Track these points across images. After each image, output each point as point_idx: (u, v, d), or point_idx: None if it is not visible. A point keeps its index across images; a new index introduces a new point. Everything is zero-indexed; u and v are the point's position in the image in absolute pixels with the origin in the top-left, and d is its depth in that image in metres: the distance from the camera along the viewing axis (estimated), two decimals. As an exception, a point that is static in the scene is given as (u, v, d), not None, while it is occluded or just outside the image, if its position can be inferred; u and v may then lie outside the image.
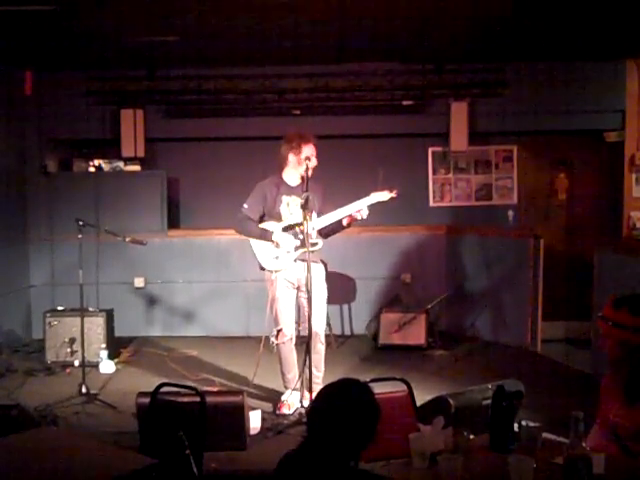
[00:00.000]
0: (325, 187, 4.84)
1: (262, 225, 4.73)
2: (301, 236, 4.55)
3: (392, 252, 7.12)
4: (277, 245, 4.63)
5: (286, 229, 4.67)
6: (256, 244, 4.74)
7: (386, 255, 7.09)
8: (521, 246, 6.49)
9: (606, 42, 6.16)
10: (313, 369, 4.57)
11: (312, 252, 4.50)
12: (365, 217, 4.61)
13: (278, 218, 4.71)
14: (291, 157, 4.69)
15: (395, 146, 7.30)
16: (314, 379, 4.58)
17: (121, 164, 7.12)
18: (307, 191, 4.40)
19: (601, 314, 2.68)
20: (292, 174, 4.74)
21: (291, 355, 4.75)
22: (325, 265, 5.13)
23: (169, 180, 7.18)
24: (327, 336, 5.06)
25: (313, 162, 4.60)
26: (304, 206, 4.37)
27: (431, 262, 7.13)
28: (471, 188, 7.45)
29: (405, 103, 7.05)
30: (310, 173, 4.54)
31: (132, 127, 6.93)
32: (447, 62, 6.89)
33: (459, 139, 6.96)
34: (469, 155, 7.32)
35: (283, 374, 4.80)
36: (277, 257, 4.66)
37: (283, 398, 4.77)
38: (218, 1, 4.88)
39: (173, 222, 7.31)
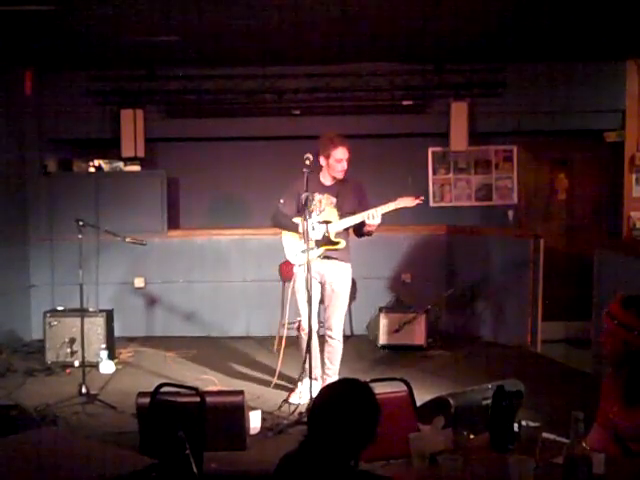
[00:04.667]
0: (363, 187, 4.91)
1: (294, 220, 4.83)
2: (325, 234, 4.70)
3: (392, 252, 7.11)
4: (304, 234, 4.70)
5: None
6: (286, 239, 4.88)
7: (386, 255, 7.08)
8: (521, 246, 6.49)
9: (606, 42, 6.16)
10: (326, 361, 4.87)
11: (337, 250, 4.76)
12: (378, 222, 4.65)
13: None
14: (322, 160, 4.79)
15: (395, 146, 7.31)
16: (326, 370, 4.88)
17: (121, 164, 7.12)
18: (307, 190, 4.46)
19: (607, 310, 2.68)
20: (326, 175, 4.84)
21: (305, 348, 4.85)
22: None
23: (169, 180, 7.18)
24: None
25: (344, 166, 4.71)
26: (304, 206, 4.44)
27: (431, 262, 7.12)
28: (471, 188, 7.45)
29: (405, 103, 7.05)
30: (341, 175, 4.72)
31: (132, 127, 6.93)
32: (447, 62, 6.89)
33: (459, 139, 6.96)
34: (469, 155, 7.32)
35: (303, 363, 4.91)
36: (302, 251, 4.74)
37: (299, 385, 4.90)
38: (218, 1, 4.88)
39: (173, 222, 7.31)
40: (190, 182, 7.49)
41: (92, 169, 7.15)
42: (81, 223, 5.01)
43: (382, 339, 6.49)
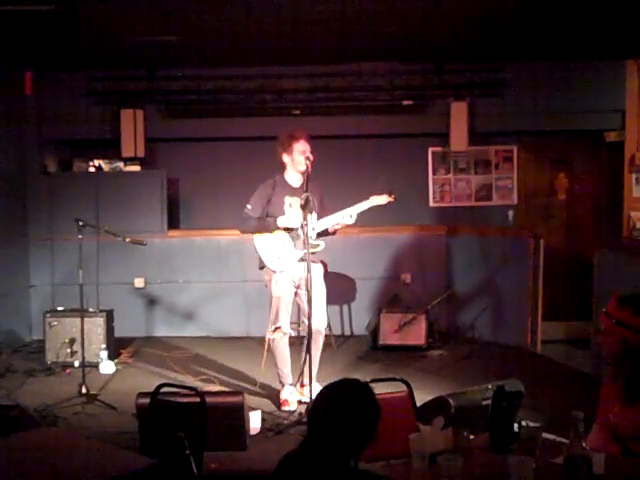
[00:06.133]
0: (323, 188, 4.86)
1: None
2: (303, 236, 4.58)
3: (392, 252, 7.11)
4: (286, 227, 4.67)
5: (287, 230, 4.71)
6: (260, 244, 4.78)
7: (386, 255, 7.09)
8: (521, 246, 6.49)
9: (606, 42, 6.16)
10: (314, 359, 4.72)
11: (313, 253, 4.60)
12: (352, 222, 4.63)
13: None
14: (285, 158, 4.73)
15: (395, 146, 7.30)
16: (313, 367, 4.72)
17: (121, 164, 7.12)
18: (307, 191, 4.43)
19: (605, 310, 2.68)
20: (293, 174, 4.79)
21: (286, 350, 4.85)
22: (325, 265, 5.21)
23: (169, 180, 7.18)
24: (327, 336, 5.08)
25: (308, 157, 4.60)
26: (304, 206, 4.39)
27: (431, 262, 7.12)
28: (471, 188, 7.45)
29: (405, 103, 7.05)
30: (306, 168, 4.59)
31: (132, 127, 6.93)
32: (447, 62, 6.89)
33: (459, 139, 6.96)
34: (469, 155, 7.32)
35: (280, 369, 4.87)
36: (280, 257, 4.72)
37: (283, 396, 4.84)
38: (218, 1, 4.88)
39: (173, 222, 7.31)
40: (190, 182, 7.49)
41: (92, 169, 7.16)
42: (81, 223, 5.02)
43: (382, 339, 6.48)
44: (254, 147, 7.28)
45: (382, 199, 4.69)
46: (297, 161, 4.65)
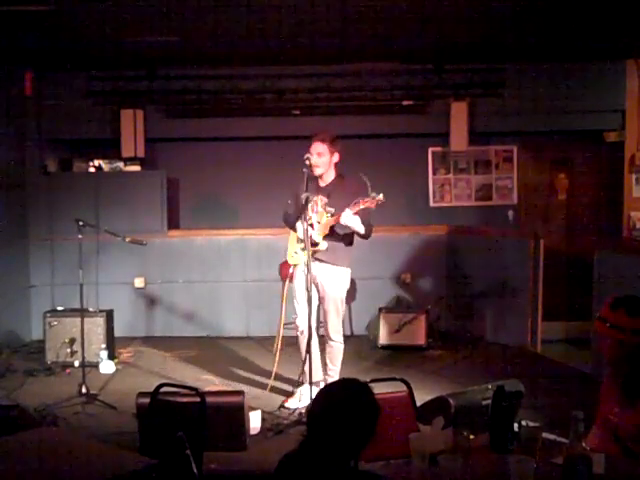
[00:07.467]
0: (357, 183, 4.69)
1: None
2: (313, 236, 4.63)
3: (392, 252, 7.11)
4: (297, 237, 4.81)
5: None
6: (290, 239, 4.94)
7: (386, 255, 7.08)
8: (521, 246, 6.49)
9: (606, 42, 6.16)
10: (327, 362, 4.84)
11: (323, 252, 4.67)
12: (350, 224, 4.54)
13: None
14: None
15: (395, 146, 7.30)
16: (328, 371, 4.84)
17: (121, 164, 7.12)
18: (307, 190, 4.46)
19: (599, 315, 2.68)
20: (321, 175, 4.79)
21: (303, 348, 4.79)
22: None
23: (169, 180, 7.18)
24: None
25: (313, 160, 4.60)
26: (303, 206, 4.41)
27: (431, 262, 7.12)
28: (471, 188, 7.45)
29: (405, 103, 7.06)
30: (312, 171, 4.61)
31: (132, 127, 6.93)
32: (447, 62, 6.89)
33: (459, 139, 6.96)
34: (469, 155, 7.32)
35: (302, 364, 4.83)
36: (296, 252, 4.83)
37: (296, 390, 4.84)
38: (218, 1, 4.88)
39: (173, 222, 7.31)
40: (190, 182, 7.49)
41: (92, 169, 7.15)
42: (81, 223, 5.01)
43: (382, 339, 6.49)
44: (254, 147, 7.30)
45: (369, 202, 4.44)
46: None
